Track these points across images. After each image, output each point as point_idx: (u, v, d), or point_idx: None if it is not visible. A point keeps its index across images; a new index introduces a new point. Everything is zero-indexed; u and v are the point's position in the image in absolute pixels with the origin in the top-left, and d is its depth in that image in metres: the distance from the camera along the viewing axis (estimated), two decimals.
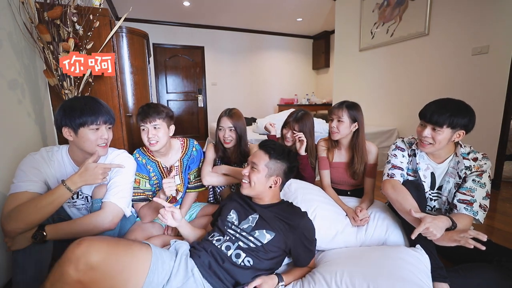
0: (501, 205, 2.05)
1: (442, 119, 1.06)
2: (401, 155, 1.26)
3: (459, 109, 1.07)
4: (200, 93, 5.42)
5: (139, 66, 1.86)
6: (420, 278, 0.94)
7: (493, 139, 2.27)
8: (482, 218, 1.07)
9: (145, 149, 1.42)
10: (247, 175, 1.09)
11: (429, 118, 1.10)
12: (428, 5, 2.70)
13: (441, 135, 1.09)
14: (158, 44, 4.99)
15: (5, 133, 1.16)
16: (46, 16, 1.32)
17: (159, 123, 1.27)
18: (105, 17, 1.61)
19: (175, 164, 1.46)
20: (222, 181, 1.50)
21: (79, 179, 0.98)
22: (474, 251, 1.09)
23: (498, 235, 1.59)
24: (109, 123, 1.08)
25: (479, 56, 2.34)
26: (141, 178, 1.37)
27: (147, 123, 1.26)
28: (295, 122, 1.54)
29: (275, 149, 1.10)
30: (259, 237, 1.01)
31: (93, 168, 0.99)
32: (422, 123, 1.16)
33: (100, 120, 1.03)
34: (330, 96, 4.74)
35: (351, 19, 3.74)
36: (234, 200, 1.17)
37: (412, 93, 3.01)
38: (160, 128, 1.28)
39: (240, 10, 4.48)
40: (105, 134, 1.06)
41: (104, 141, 1.08)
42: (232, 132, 1.49)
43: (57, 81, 1.42)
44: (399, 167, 1.24)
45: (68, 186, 0.96)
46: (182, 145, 1.50)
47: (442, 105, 1.10)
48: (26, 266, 0.92)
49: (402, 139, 1.33)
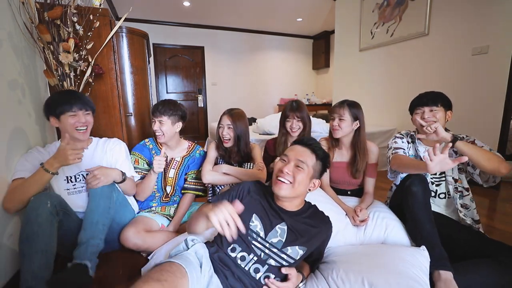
0: (501, 205, 2.05)
1: (435, 99, 1.28)
2: (400, 141, 1.38)
3: (441, 94, 1.30)
4: (200, 93, 5.42)
5: (139, 66, 1.86)
6: (415, 273, 0.95)
7: (493, 139, 2.27)
8: (500, 155, 1.14)
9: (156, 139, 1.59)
10: (290, 174, 0.93)
11: (425, 102, 1.28)
12: (428, 5, 2.70)
13: (440, 113, 1.25)
14: (158, 44, 4.99)
15: (5, 133, 1.16)
16: (46, 16, 1.32)
17: (165, 119, 1.45)
18: (105, 17, 1.61)
19: (176, 158, 1.56)
20: (222, 180, 1.50)
21: (54, 160, 1.06)
22: (472, 248, 1.10)
23: (498, 235, 1.59)
24: (84, 109, 1.23)
25: (479, 56, 2.34)
26: (140, 158, 1.52)
27: (156, 117, 1.46)
28: (296, 110, 1.62)
29: (321, 150, 0.99)
30: (292, 254, 0.91)
31: (63, 149, 1.06)
32: (419, 110, 1.31)
33: (74, 107, 1.19)
34: (330, 96, 4.74)
35: (351, 19, 3.74)
36: (255, 200, 0.99)
37: (412, 93, 2.98)
38: (164, 123, 1.46)
39: (240, 10, 4.48)
40: (82, 119, 1.21)
41: (83, 125, 1.22)
42: (231, 130, 1.51)
43: (57, 81, 1.42)
44: (400, 147, 1.36)
45: (46, 168, 1.06)
46: (189, 147, 1.63)
47: (428, 93, 1.33)
48: (32, 255, 0.95)
49: (399, 132, 1.45)
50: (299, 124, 1.64)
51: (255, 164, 1.57)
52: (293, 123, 1.63)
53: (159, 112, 1.45)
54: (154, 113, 1.46)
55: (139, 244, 1.28)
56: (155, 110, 1.46)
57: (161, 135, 1.47)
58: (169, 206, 1.56)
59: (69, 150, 1.05)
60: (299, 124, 1.64)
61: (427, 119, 1.26)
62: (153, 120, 1.48)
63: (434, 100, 1.27)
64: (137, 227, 1.31)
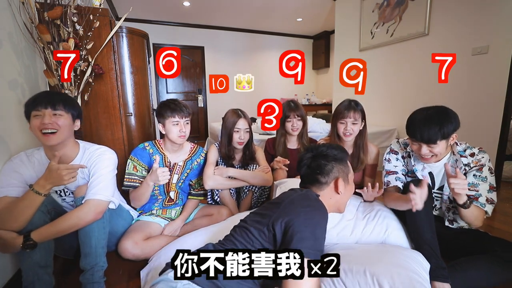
0: (501, 205, 2.05)
1: (433, 135, 1.05)
2: (394, 159, 1.30)
3: (444, 118, 1.05)
4: (200, 93, 5.42)
5: (139, 66, 1.86)
6: (416, 268, 0.96)
7: (493, 139, 2.27)
8: (490, 210, 1.09)
9: (157, 142, 1.52)
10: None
11: (421, 138, 1.08)
12: (428, 5, 2.70)
13: (438, 147, 1.08)
14: (158, 44, 4.99)
15: (5, 133, 1.16)
16: (46, 16, 1.32)
17: (189, 120, 1.44)
18: (105, 17, 1.61)
19: (179, 163, 1.50)
20: (225, 185, 1.49)
21: (46, 182, 0.95)
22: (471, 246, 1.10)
23: (498, 234, 1.58)
24: (52, 108, 1.00)
25: (479, 56, 2.33)
26: (139, 165, 1.43)
27: (182, 118, 1.40)
28: (296, 109, 1.67)
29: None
30: None
31: (56, 170, 0.94)
32: (415, 142, 1.13)
33: (39, 106, 0.98)
34: (330, 96, 4.74)
35: (351, 19, 3.74)
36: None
37: (412, 93, 3.01)
38: (188, 124, 1.44)
39: (240, 10, 4.47)
40: (46, 119, 0.98)
41: (48, 128, 0.99)
42: (247, 133, 1.53)
43: (57, 81, 1.42)
44: (392, 172, 1.28)
45: (37, 190, 0.95)
46: (192, 149, 1.57)
47: (427, 119, 1.07)
48: (31, 252, 0.96)
49: (397, 141, 1.35)
50: (299, 123, 1.66)
51: (259, 166, 1.57)
52: (294, 122, 1.65)
53: (183, 111, 1.39)
54: (179, 112, 1.38)
55: (138, 255, 1.27)
56: (178, 109, 1.38)
57: (183, 136, 1.41)
58: (170, 209, 1.55)
59: (64, 171, 0.95)
60: (299, 123, 1.66)
61: (424, 155, 1.12)
62: (176, 122, 1.39)
63: (432, 139, 1.06)
64: (134, 238, 1.28)
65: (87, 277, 1.04)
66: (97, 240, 1.07)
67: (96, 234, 1.06)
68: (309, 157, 0.94)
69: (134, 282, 1.19)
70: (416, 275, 0.92)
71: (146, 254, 1.27)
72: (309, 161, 0.93)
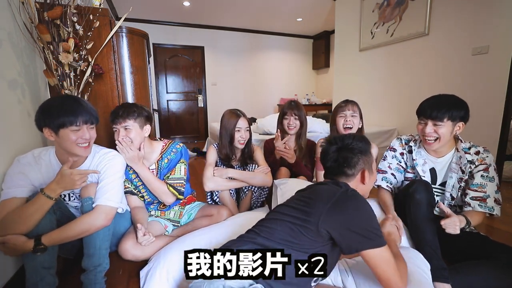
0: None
1: (441, 113, 1.10)
2: (390, 156, 1.33)
3: (455, 103, 1.12)
4: (200, 93, 5.42)
5: (139, 66, 1.86)
6: (418, 263, 0.98)
7: (493, 139, 2.27)
8: (498, 211, 1.10)
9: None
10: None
11: (429, 114, 1.13)
12: (428, 5, 2.70)
13: (443, 128, 1.12)
14: (158, 44, 4.99)
15: (5, 133, 1.16)
16: (46, 16, 1.32)
17: (131, 124, 1.28)
18: (105, 17, 1.61)
19: (151, 167, 1.43)
20: (226, 186, 1.49)
21: (57, 186, 0.97)
22: (473, 249, 1.10)
23: (498, 235, 1.59)
24: (90, 123, 1.05)
25: (479, 56, 2.33)
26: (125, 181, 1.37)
27: (117, 124, 1.27)
28: (295, 108, 1.68)
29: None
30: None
31: (69, 175, 0.96)
32: (422, 121, 1.17)
33: (79, 120, 1.01)
34: (330, 96, 4.74)
35: (351, 19, 3.74)
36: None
37: (412, 93, 3.01)
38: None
39: (240, 10, 4.48)
40: (85, 135, 1.03)
41: (85, 141, 1.05)
42: (247, 132, 1.53)
43: (57, 81, 1.42)
44: (382, 171, 1.32)
45: (48, 194, 0.95)
46: (164, 147, 1.47)
47: (438, 100, 1.15)
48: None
49: (399, 138, 1.37)
50: (296, 122, 1.67)
51: (258, 166, 1.57)
52: (291, 120, 1.67)
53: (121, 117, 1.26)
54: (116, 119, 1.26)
55: (138, 255, 1.26)
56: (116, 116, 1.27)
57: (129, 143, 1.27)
58: (168, 211, 1.54)
59: (77, 176, 0.97)
60: (296, 122, 1.67)
61: (428, 134, 1.15)
62: (115, 129, 1.29)
63: (439, 116, 1.10)
64: (134, 238, 1.27)
65: (90, 277, 1.04)
66: (102, 241, 1.07)
67: (101, 236, 1.07)
68: (334, 150, 0.92)
69: (134, 282, 1.19)
70: (421, 270, 0.94)
71: (146, 255, 1.27)
72: (335, 155, 0.91)
